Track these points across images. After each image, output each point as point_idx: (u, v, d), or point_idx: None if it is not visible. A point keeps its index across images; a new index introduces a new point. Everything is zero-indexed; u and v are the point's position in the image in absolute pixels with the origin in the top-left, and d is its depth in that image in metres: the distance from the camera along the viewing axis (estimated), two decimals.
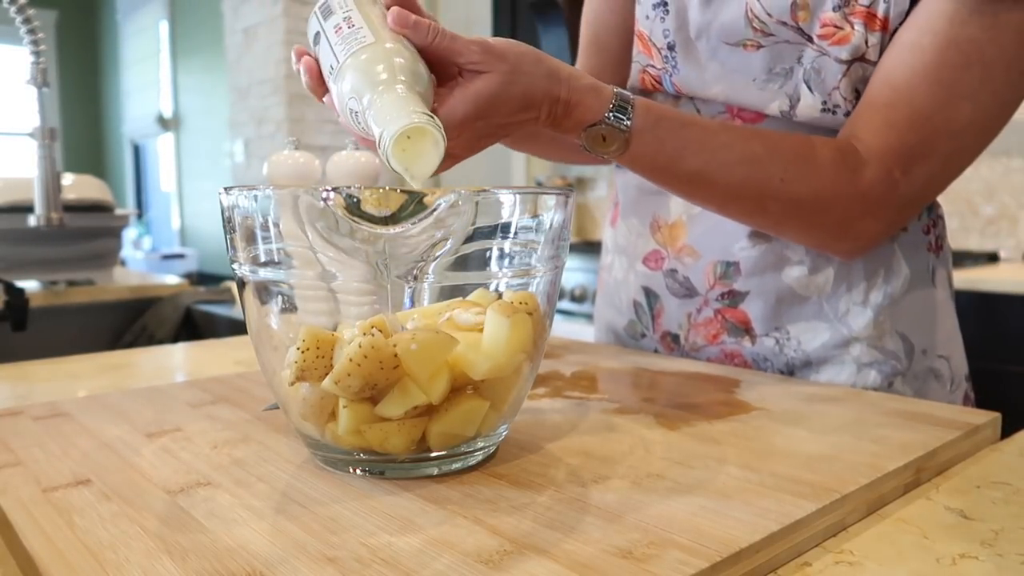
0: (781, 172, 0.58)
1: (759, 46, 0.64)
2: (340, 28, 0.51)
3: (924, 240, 0.69)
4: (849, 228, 0.61)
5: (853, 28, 0.60)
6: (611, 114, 0.56)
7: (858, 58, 0.61)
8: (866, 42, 0.60)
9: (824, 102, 0.63)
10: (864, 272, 0.67)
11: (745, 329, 0.70)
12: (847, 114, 0.63)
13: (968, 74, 0.56)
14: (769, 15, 0.62)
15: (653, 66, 0.72)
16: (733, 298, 0.70)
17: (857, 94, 0.62)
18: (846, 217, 0.60)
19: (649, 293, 0.76)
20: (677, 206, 0.72)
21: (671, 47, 0.69)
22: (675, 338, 0.74)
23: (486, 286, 0.41)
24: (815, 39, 0.62)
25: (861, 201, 0.59)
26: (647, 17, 0.71)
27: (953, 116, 0.57)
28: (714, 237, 0.70)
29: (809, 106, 0.63)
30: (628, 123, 0.56)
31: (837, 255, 0.65)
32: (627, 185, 0.78)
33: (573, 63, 0.77)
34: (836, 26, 0.61)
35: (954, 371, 0.70)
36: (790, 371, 0.69)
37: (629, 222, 0.78)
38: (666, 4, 0.69)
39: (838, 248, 0.64)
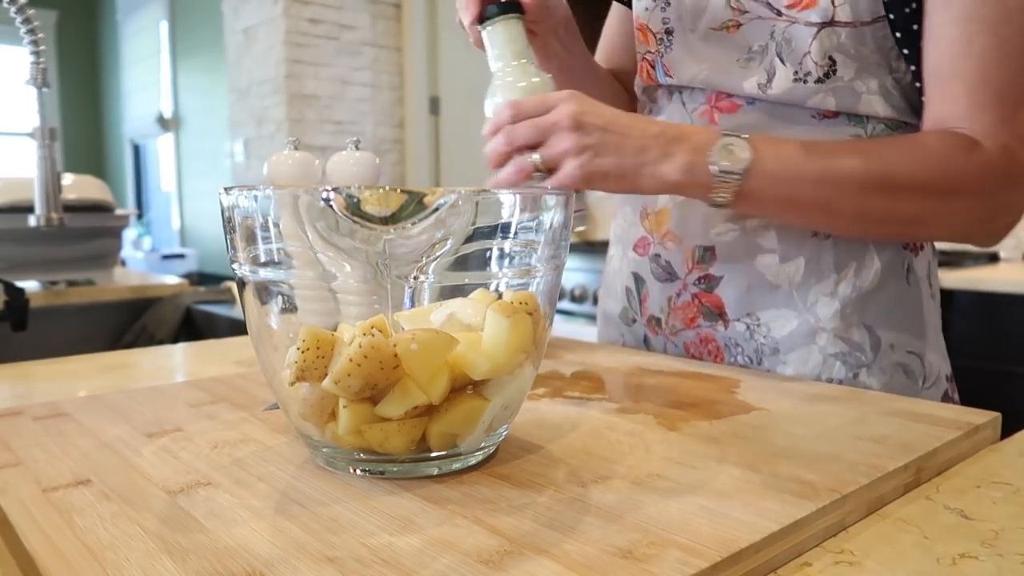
0: (896, 160, 0.60)
1: (738, 25, 0.67)
2: None
3: None
4: (986, 207, 0.62)
5: None
6: (722, 139, 0.60)
7: (828, 22, 0.63)
8: (833, 3, 0.63)
9: (796, 72, 0.65)
10: (835, 264, 0.68)
11: (719, 313, 0.72)
12: (817, 81, 0.65)
13: (1019, 39, 0.59)
14: None
15: (650, 51, 0.75)
16: (709, 282, 0.72)
17: (831, 60, 0.64)
18: (979, 195, 0.61)
19: (638, 278, 0.78)
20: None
21: (668, 32, 0.73)
22: (658, 321, 0.77)
23: (486, 286, 0.41)
24: (783, 11, 0.65)
25: (987, 176, 0.60)
26: (646, 9, 0.74)
27: None
28: (694, 222, 0.72)
29: (783, 78, 0.66)
30: (745, 138, 0.60)
31: (988, 242, 0.65)
32: None
33: None
34: None
35: (928, 369, 0.70)
36: (759, 358, 0.70)
37: (624, 211, 0.81)
38: None
39: (985, 234, 0.64)
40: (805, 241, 0.68)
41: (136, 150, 5.73)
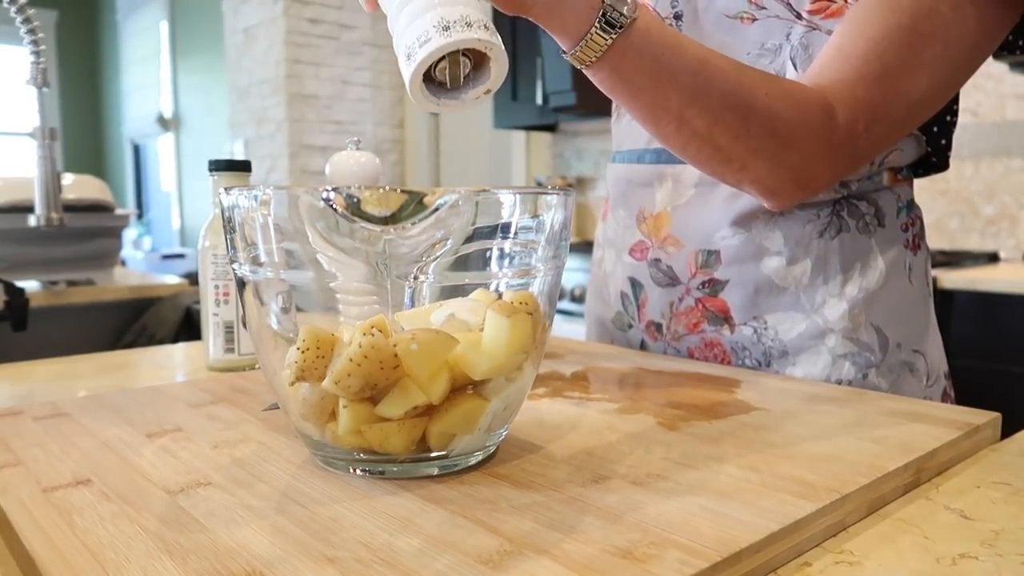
0: (764, 85, 0.56)
1: (753, 19, 0.66)
2: None
3: (901, 237, 0.70)
4: (806, 171, 0.59)
5: (846, 1, 0.62)
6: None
7: None
8: None
9: None
10: (840, 265, 0.68)
11: (724, 318, 0.71)
12: None
13: (933, 47, 0.57)
14: None
15: None
16: (713, 287, 0.71)
17: None
18: (809, 157, 0.58)
19: (635, 283, 0.77)
20: (662, 198, 0.74)
21: (678, 16, 0.71)
22: (658, 327, 0.76)
23: (486, 286, 0.41)
24: (804, 15, 0.63)
25: (825, 141, 0.58)
26: None
27: (913, 84, 0.58)
28: (696, 226, 0.71)
29: None
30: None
31: (782, 203, 0.62)
32: (618, 179, 0.79)
33: None
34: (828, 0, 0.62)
35: (931, 367, 0.71)
36: (768, 360, 0.70)
37: (617, 214, 0.79)
38: None
39: (790, 194, 0.61)
40: (812, 242, 0.68)
41: (136, 150, 5.73)
